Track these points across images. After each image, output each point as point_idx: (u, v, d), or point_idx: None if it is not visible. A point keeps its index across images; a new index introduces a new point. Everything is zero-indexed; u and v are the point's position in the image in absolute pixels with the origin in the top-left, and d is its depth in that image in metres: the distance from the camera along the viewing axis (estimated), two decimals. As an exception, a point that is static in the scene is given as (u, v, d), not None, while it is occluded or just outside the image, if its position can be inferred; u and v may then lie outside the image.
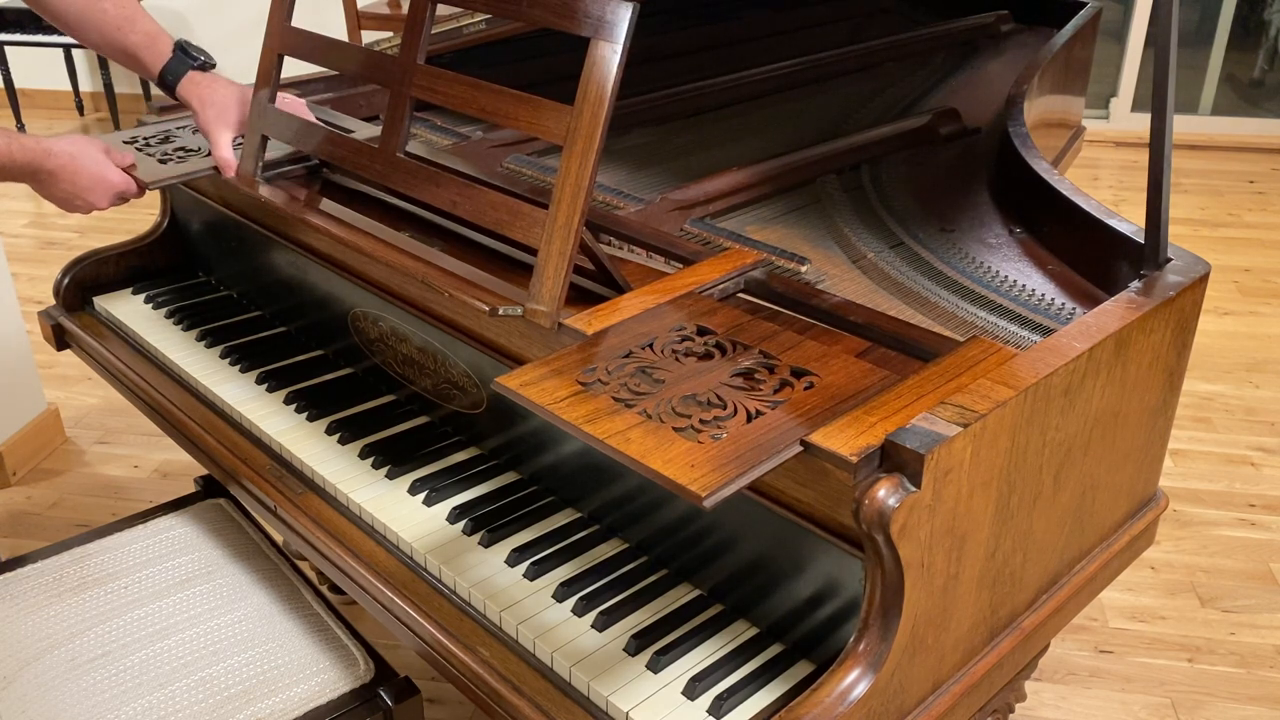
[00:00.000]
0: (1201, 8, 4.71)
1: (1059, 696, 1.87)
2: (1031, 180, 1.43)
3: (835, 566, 0.95)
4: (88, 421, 2.63)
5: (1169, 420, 1.25)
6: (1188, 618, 2.05)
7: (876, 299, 1.23)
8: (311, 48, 1.36)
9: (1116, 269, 1.23)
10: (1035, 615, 1.11)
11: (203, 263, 1.75)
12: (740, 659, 1.01)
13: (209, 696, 1.18)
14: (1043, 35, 2.29)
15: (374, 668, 1.25)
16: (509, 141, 1.61)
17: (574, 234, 1.07)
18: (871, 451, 0.86)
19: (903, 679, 0.93)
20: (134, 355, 1.58)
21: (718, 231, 1.34)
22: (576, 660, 1.00)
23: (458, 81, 1.19)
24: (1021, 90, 1.75)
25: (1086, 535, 1.17)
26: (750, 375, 0.98)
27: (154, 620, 1.27)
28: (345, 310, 1.43)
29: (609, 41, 1.05)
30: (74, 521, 2.27)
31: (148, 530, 1.44)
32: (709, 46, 2.26)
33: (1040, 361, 0.98)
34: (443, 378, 1.31)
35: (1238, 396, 2.78)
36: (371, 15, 3.91)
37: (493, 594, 1.08)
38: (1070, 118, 2.29)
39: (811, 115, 1.86)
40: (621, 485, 1.14)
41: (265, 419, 1.37)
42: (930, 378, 0.96)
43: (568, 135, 1.08)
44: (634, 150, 1.67)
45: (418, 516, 1.19)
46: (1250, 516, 2.33)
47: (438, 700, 1.83)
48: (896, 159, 1.65)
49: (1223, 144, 4.57)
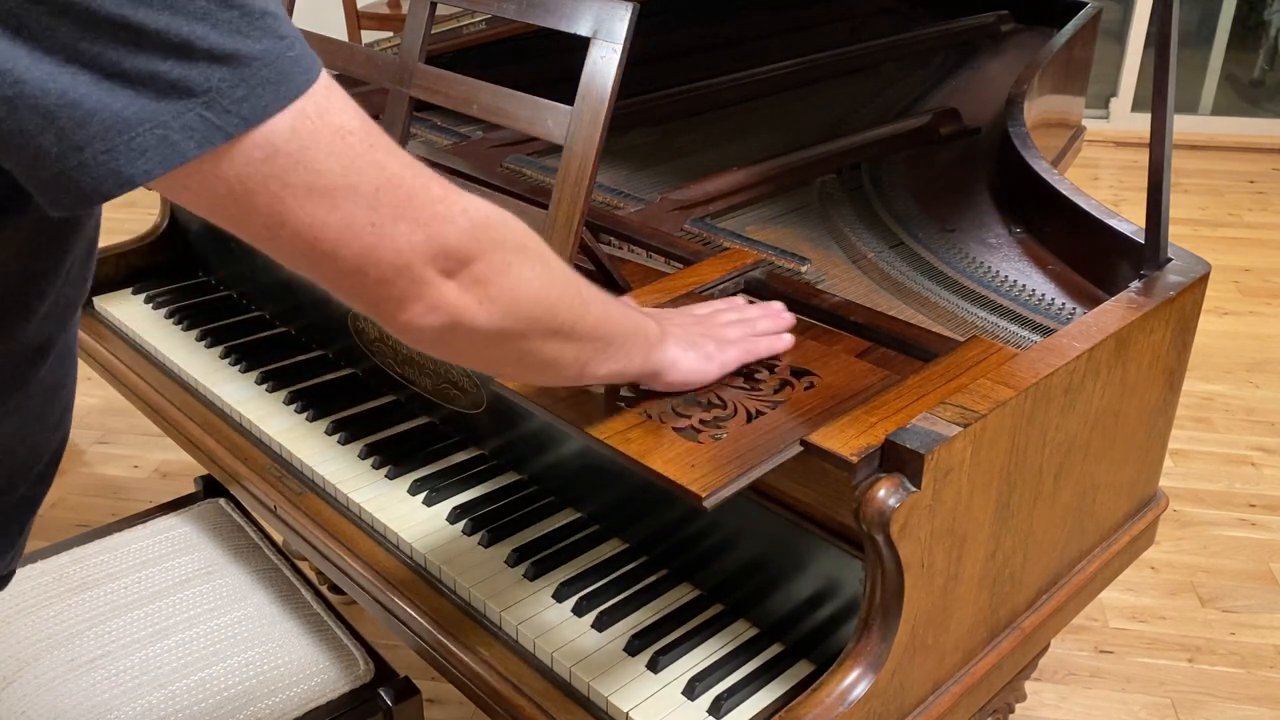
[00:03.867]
0: (1201, 8, 4.71)
1: (1059, 696, 1.87)
2: (1032, 180, 1.43)
3: (835, 567, 0.95)
4: (88, 421, 2.63)
5: (1169, 420, 1.25)
6: (1188, 618, 2.05)
7: (877, 299, 1.23)
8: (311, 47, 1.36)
9: (1116, 269, 1.23)
10: (1035, 615, 1.11)
11: (203, 263, 1.75)
12: (740, 659, 1.01)
13: (209, 697, 1.18)
14: (1043, 35, 2.28)
15: (374, 668, 1.25)
16: (509, 141, 1.61)
17: (574, 234, 1.07)
18: (872, 451, 0.86)
19: (903, 679, 0.93)
20: (134, 355, 1.58)
21: (718, 231, 1.34)
22: (576, 660, 1.00)
23: (458, 81, 1.19)
24: (1021, 90, 1.75)
25: (1087, 535, 1.17)
26: (750, 375, 0.98)
27: (154, 620, 1.27)
28: (345, 310, 1.43)
29: (609, 41, 1.05)
30: (74, 522, 2.27)
31: (147, 530, 1.44)
32: (709, 46, 2.26)
33: (1040, 361, 0.98)
34: (443, 378, 1.31)
35: (1238, 396, 2.78)
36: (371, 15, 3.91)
37: (493, 594, 1.08)
38: (1070, 118, 2.29)
39: (811, 115, 1.86)
40: (622, 485, 1.14)
41: (265, 419, 1.37)
42: (930, 378, 0.96)
43: (568, 135, 1.08)
44: (634, 150, 1.67)
45: (418, 516, 1.19)
46: (1250, 516, 2.33)
47: (438, 700, 1.83)
48: (897, 159, 1.65)
49: (1223, 144, 4.57)
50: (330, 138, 0.61)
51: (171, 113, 0.55)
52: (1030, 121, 1.65)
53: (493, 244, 0.70)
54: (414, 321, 0.68)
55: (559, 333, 0.78)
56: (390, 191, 0.63)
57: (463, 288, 0.69)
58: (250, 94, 0.57)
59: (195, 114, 0.56)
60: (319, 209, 0.61)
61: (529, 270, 0.73)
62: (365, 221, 0.63)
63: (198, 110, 0.56)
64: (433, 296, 0.67)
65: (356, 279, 0.65)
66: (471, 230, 0.68)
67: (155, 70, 0.55)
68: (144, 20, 0.54)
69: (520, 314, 0.73)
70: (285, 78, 0.58)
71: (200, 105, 0.56)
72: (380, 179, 0.63)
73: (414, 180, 0.65)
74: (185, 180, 0.58)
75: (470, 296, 0.69)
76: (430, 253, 0.66)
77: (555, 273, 0.77)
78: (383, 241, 0.64)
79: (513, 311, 0.73)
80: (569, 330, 0.79)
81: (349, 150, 0.61)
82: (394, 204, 0.64)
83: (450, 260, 0.67)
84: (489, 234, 0.70)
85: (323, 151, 0.60)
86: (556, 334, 0.78)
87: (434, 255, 0.66)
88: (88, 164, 0.55)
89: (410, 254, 0.65)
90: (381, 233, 0.64)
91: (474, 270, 0.69)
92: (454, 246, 0.67)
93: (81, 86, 0.54)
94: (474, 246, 0.68)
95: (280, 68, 0.58)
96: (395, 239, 0.64)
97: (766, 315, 1.05)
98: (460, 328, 0.70)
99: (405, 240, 0.64)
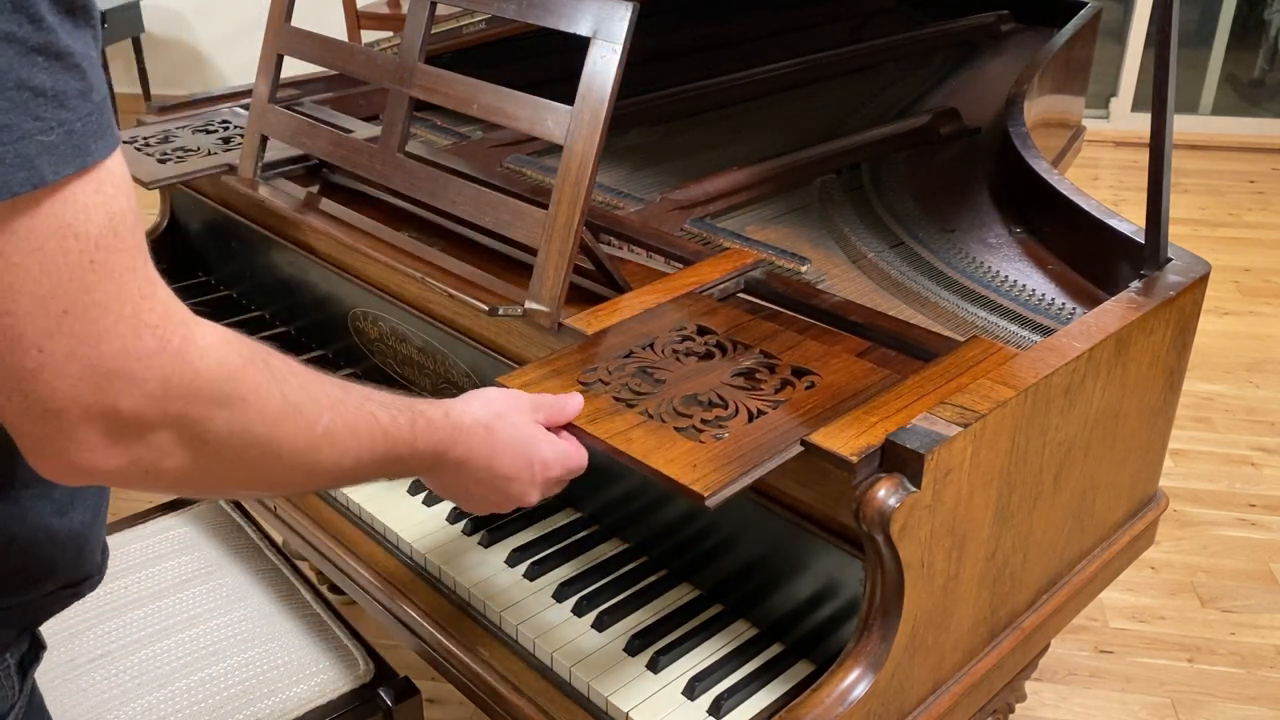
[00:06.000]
0: (1201, 8, 4.70)
1: (1059, 696, 1.87)
2: (1032, 180, 1.43)
3: (835, 567, 0.95)
4: (87, 421, 2.63)
5: (1169, 420, 1.25)
6: (1188, 618, 2.05)
7: (877, 299, 1.23)
8: (311, 47, 1.36)
9: (1117, 269, 1.23)
10: (1035, 615, 1.11)
11: (202, 263, 1.75)
12: (740, 659, 1.01)
13: (209, 696, 1.18)
14: (1043, 35, 2.28)
15: (374, 668, 1.25)
16: (509, 141, 1.61)
17: (574, 234, 1.07)
18: (872, 451, 0.86)
19: (903, 679, 0.93)
20: (134, 355, 1.58)
21: (718, 231, 1.34)
22: (576, 660, 1.00)
23: (458, 81, 1.19)
24: (1022, 90, 1.75)
25: (1087, 535, 1.17)
26: (751, 375, 0.97)
27: (154, 620, 1.27)
28: (345, 310, 1.43)
29: (609, 41, 1.05)
30: (74, 521, 2.27)
31: (147, 530, 1.44)
32: (709, 46, 2.26)
33: (1040, 361, 0.98)
34: (443, 378, 1.31)
35: (1238, 396, 2.78)
36: (371, 15, 3.91)
37: (493, 594, 1.08)
38: (1070, 117, 2.29)
39: (812, 115, 1.86)
40: (622, 485, 1.14)
41: (265, 419, 1.37)
42: (930, 378, 0.96)
43: (568, 135, 1.08)
44: (634, 150, 1.67)
45: (417, 516, 1.19)
46: (1250, 516, 2.33)
47: (438, 700, 1.82)
48: (897, 159, 1.65)
49: (1223, 144, 4.56)
50: (42, 235, 0.53)
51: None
52: (1030, 121, 1.65)
53: (186, 408, 0.60)
54: (51, 468, 0.59)
55: (273, 490, 0.71)
56: (79, 321, 0.54)
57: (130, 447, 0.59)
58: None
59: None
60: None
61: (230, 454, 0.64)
62: (32, 345, 0.53)
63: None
64: (78, 458, 0.57)
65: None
66: (165, 398, 0.58)
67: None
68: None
69: (213, 486, 0.67)
70: (23, 164, 0.51)
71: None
72: (75, 302, 0.53)
73: (120, 321, 0.55)
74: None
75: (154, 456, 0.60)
76: (95, 412, 0.56)
77: (271, 450, 0.67)
78: (42, 374, 0.54)
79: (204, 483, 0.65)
80: (286, 489, 0.75)
81: (61, 257, 0.53)
82: (77, 337, 0.54)
83: (120, 426, 0.57)
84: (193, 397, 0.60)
85: (28, 247, 0.52)
86: (269, 491, 0.72)
87: (99, 415, 0.56)
88: None
89: (69, 402, 0.55)
90: (44, 364, 0.54)
91: (152, 437, 0.59)
92: (128, 413, 0.57)
93: None
94: (156, 416, 0.59)
95: (21, 151, 0.51)
96: (58, 378, 0.54)
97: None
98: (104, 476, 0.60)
99: (67, 383, 0.55)
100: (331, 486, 0.86)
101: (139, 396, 0.57)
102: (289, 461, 0.69)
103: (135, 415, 0.57)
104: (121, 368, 0.56)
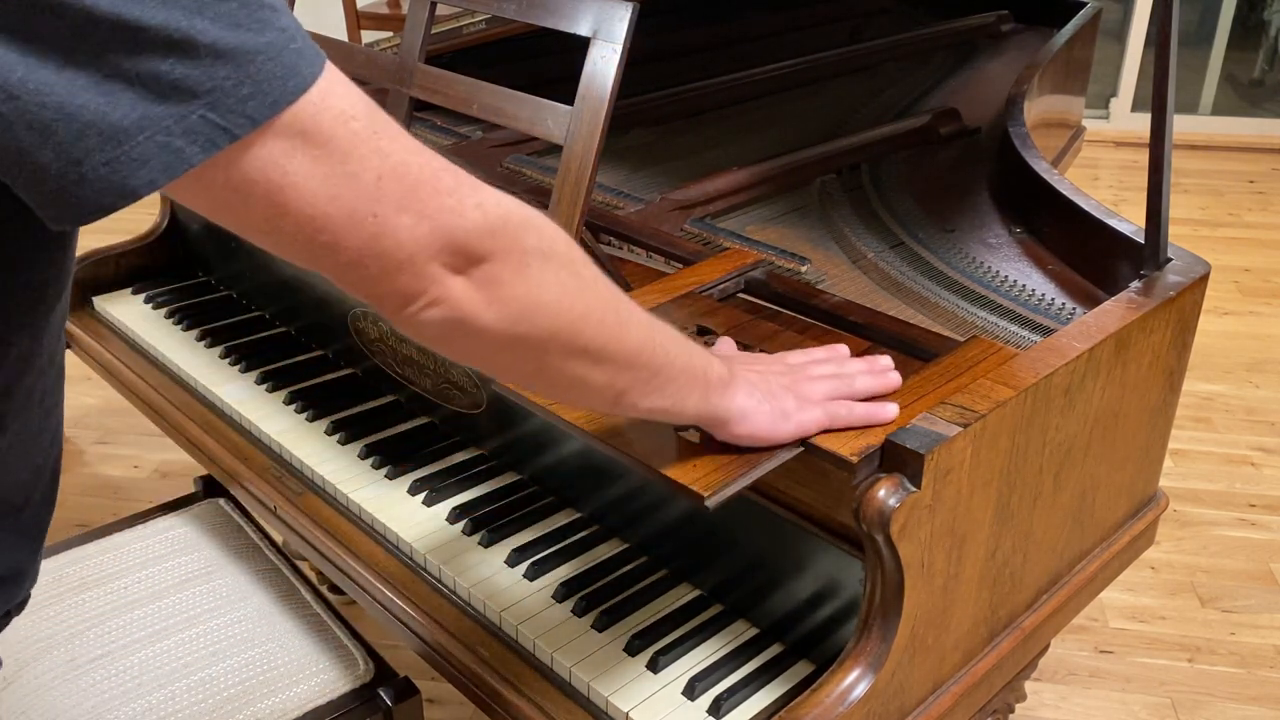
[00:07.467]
0: (1201, 8, 4.71)
1: (1059, 696, 1.87)
2: (1032, 180, 1.43)
3: (835, 567, 0.95)
4: (87, 421, 2.63)
5: (1169, 420, 1.25)
6: (1188, 618, 2.05)
7: (876, 299, 1.23)
8: (311, 48, 1.36)
9: (1116, 269, 1.23)
10: (1035, 615, 1.11)
11: (203, 263, 1.75)
12: (740, 659, 1.01)
13: (209, 697, 1.18)
14: (1043, 35, 2.29)
15: (374, 668, 1.25)
16: (509, 141, 1.61)
17: (574, 234, 1.07)
18: (872, 451, 0.87)
19: (903, 679, 0.93)
20: (134, 355, 1.58)
21: (718, 231, 1.34)
22: (576, 660, 1.00)
23: (458, 81, 1.19)
24: (1021, 90, 1.75)
25: (1086, 535, 1.17)
26: (750, 375, 0.97)
27: (154, 620, 1.27)
28: (345, 310, 1.43)
29: (609, 41, 1.05)
30: (73, 522, 2.27)
31: (147, 530, 1.44)
32: (709, 46, 2.26)
33: (1040, 361, 0.98)
34: (443, 378, 1.31)
35: (1238, 396, 2.78)
36: (371, 15, 3.91)
37: (493, 594, 1.08)
38: (1070, 118, 2.29)
39: (811, 115, 1.86)
40: (622, 485, 1.14)
41: (265, 419, 1.37)
42: (930, 378, 0.96)
43: (567, 135, 1.08)
44: (634, 150, 1.67)
45: (418, 516, 1.19)
46: (1250, 516, 2.33)
47: (438, 700, 1.83)
48: (897, 159, 1.65)
49: (1223, 144, 4.57)
50: (332, 125, 0.58)
51: (173, 116, 0.53)
52: (1030, 121, 1.65)
53: (510, 242, 0.66)
54: (416, 317, 0.65)
55: (585, 352, 0.72)
56: (394, 181, 0.60)
57: (473, 285, 0.65)
58: (256, 92, 0.54)
59: (198, 116, 0.53)
60: (318, 199, 0.59)
61: (551, 276, 0.68)
62: (367, 212, 0.60)
63: (201, 112, 0.53)
64: (436, 292, 0.64)
65: (358, 272, 0.62)
66: (485, 226, 0.64)
67: (156, 71, 0.52)
68: (141, 17, 0.51)
69: (536, 322, 0.68)
70: (291, 72, 0.56)
71: (203, 106, 0.53)
72: (383, 167, 0.60)
73: (421, 170, 0.62)
74: (188, 184, 0.56)
75: (479, 295, 0.65)
76: (436, 246, 0.63)
77: (586, 285, 0.71)
78: (385, 233, 0.61)
79: (526, 318, 0.68)
80: (597, 351, 0.73)
81: (351, 138, 0.59)
82: (398, 194, 0.61)
83: (458, 256, 0.64)
84: (506, 231, 0.65)
85: (324, 139, 0.58)
86: (582, 353, 0.72)
87: (440, 249, 0.63)
88: (87, 177, 0.52)
89: (414, 247, 0.62)
90: (384, 224, 0.61)
91: (486, 269, 0.65)
92: (462, 241, 0.63)
93: (79, 94, 0.52)
94: (487, 243, 0.65)
95: (285, 61, 0.56)
96: (398, 231, 0.61)
97: (869, 371, 0.93)
98: (465, 327, 0.66)
99: (409, 233, 0.61)
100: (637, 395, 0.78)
101: (465, 225, 0.64)
102: (592, 336, 0.73)
103: (468, 241, 0.64)
104: (440, 205, 0.63)
